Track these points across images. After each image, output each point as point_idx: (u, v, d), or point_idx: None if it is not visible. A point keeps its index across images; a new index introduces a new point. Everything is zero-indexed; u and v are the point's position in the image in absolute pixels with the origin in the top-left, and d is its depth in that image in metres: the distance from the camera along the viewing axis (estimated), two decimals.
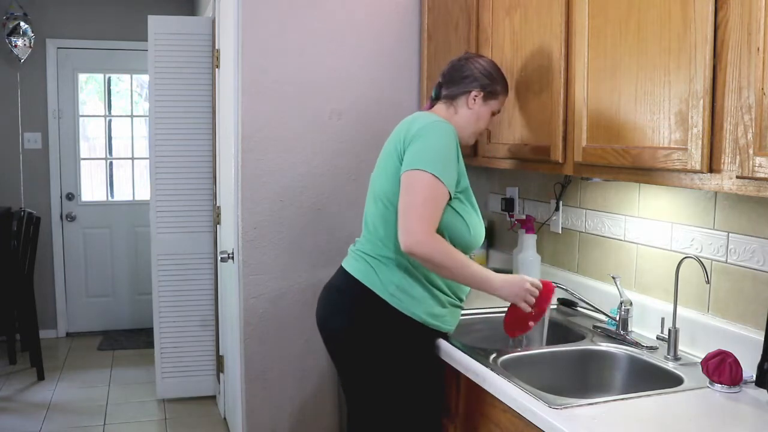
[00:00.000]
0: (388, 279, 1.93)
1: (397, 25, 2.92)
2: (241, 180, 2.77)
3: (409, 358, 1.94)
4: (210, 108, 3.93)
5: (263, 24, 2.74)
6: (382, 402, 1.95)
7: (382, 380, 1.94)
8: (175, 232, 4.00)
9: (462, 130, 2.05)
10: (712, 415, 1.52)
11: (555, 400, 1.55)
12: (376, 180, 2.04)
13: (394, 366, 1.93)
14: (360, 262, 1.99)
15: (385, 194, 1.96)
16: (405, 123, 2.02)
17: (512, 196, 2.84)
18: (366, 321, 1.94)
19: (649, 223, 2.13)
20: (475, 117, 2.07)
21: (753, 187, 1.37)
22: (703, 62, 1.46)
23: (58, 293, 5.48)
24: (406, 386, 1.94)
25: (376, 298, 1.92)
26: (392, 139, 2.02)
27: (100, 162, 5.67)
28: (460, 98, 2.06)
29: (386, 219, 1.95)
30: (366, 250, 2.00)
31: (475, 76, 2.05)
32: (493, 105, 2.09)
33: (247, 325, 2.82)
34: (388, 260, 1.94)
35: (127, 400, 4.17)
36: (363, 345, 1.95)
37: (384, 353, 1.93)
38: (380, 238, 1.97)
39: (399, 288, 1.92)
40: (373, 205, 2.02)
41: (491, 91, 2.06)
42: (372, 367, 1.95)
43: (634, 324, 2.09)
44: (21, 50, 5.08)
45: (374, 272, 1.94)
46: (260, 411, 2.87)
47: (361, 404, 2.04)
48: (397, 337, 1.93)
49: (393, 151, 1.96)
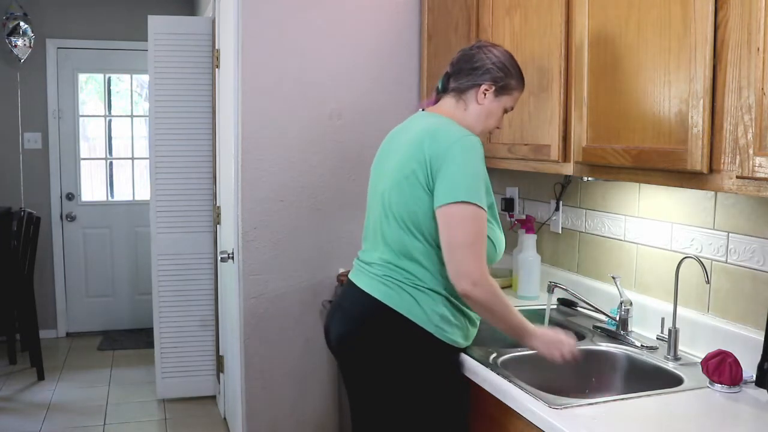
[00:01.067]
0: (431, 310, 1.78)
1: (397, 25, 2.92)
2: (241, 180, 2.77)
3: (441, 383, 1.85)
4: (210, 108, 3.93)
5: (263, 24, 2.74)
6: (406, 425, 1.85)
7: (411, 405, 1.83)
8: (175, 232, 4.00)
9: (471, 128, 1.86)
10: (712, 415, 1.52)
11: (555, 400, 1.55)
12: (396, 203, 1.83)
13: (425, 391, 1.83)
14: (394, 290, 1.81)
15: (412, 221, 1.80)
16: (421, 135, 1.82)
17: (512, 196, 2.84)
18: (401, 352, 1.81)
19: (649, 223, 2.12)
20: (486, 113, 1.90)
21: (753, 187, 1.37)
22: (703, 62, 1.46)
23: (58, 293, 5.48)
24: (435, 410, 1.84)
25: (417, 329, 1.78)
26: (408, 153, 1.82)
27: (100, 162, 5.67)
28: (470, 92, 1.89)
29: (427, 253, 1.80)
30: (398, 277, 1.82)
31: (487, 68, 1.87)
32: (506, 101, 1.91)
33: (247, 325, 2.82)
34: (430, 291, 1.79)
35: (127, 400, 4.17)
36: (393, 375, 1.82)
37: (416, 381, 1.81)
38: (424, 272, 1.80)
39: (443, 318, 1.79)
40: (398, 230, 1.83)
41: (504, 85, 1.88)
42: (402, 394, 1.83)
43: (634, 324, 2.09)
44: (21, 50, 5.08)
45: (416, 303, 1.78)
46: (260, 411, 2.87)
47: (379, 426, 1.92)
48: (433, 365, 1.83)
49: (417, 167, 1.78)
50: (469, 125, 1.87)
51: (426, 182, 1.76)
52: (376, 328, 1.82)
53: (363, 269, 1.91)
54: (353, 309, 1.89)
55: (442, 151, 1.74)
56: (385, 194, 1.87)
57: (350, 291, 1.93)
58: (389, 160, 1.91)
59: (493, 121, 1.93)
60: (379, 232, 1.89)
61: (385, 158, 1.96)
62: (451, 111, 1.91)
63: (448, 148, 1.74)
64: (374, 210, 1.93)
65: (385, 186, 1.88)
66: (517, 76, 1.92)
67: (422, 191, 1.77)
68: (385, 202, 1.86)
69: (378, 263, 1.86)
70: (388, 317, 1.80)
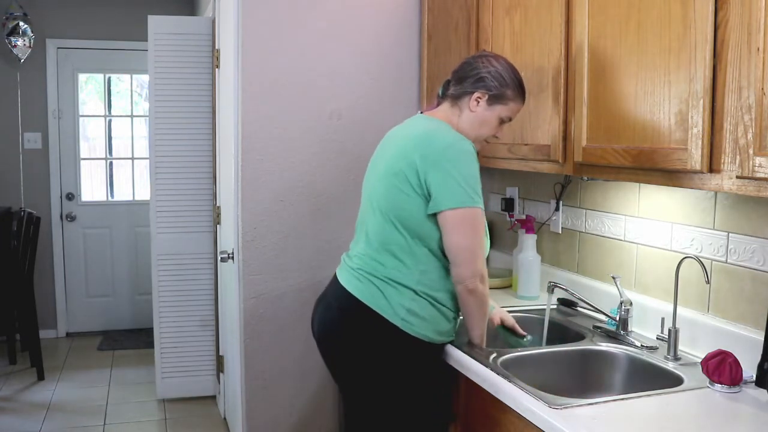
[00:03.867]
0: (398, 303, 1.85)
1: (397, 25, 2.92)
2: (241, 180, 2.77)
3: (416, 375, 1.91)
4: (210, 108, 3.93)
5: (263, 24, 2.74)
6: (389, 418, 1.92)
7: (387, 398, 1.90)
8: (175, 232, 4.00)
9: (464, 134, 1.92)
10: (712, 415, 1.52)
11: (555, 400, 1.55)
12: (383, 196, 1.91)
13: (400, 384, 1.89)
14: (364, 284, 1.90)
15: (397, 215, 1.87)
16: (414, 136, 1.90)
17: (512, 196, 2.85)
18: (372, 344, 1.88)
19: (649, 223, 2.13)
20: (479, 121, 1.94)
21: (753, 187, 1.37)
22: (703, 62, 1.46)
23: (58, 293, 5.48)
24: (413, 402, 1.91)
25: (385, 322, 1.85)
26: (399, 152, 1.90)
27: (100, 162, 5.67)
28: (464, 98, 1.95)
29: (407, 248, 1.87)
30: (371, 270, 1.90)
31: (481, 77, 1.92)
32: (501, 110, 1.94)
33: (247, 325, 2.82)
34: (398, 285, 1.87)
35: (127, 400, 4.17)
36: (368, 366, 1.90)
37: (390, 374, 1.89)
38: (398, 266, 1.87)
39: (410, 312, 1.85)
40: (382, 223, 1.90)
41: (498, 95, 1.92)
42: (378, 387, 1.91)
43: (634, 324, 2.09)
44: (20, 50, 5.08)
45: (383, 296, 1.86)
46: (260, 411, 2.87)
47: (365, 418, 1.99)
48: (403, 358, 1.88)
49: (405, 167, 1.85)
50: (463, 131, 1.94)
51: (416, 181, 1.84)
52: (350, 322, 1.92)
53: (345, 263, 2.03)
54: (332, 302, 2.00)
55: (436, 155, 1.82)
56: (374, 189, 1.96)
57: (332, 284, 2.04)
58: (382, 159, 2.00)
59: (487, 129, 1.97)
60: (364, 225, 1.99)
61: (379, 157, 2.04)
62: (446, 116, 1.98)
63: (442, 152, 1.83)
64: (364, 204, 2.03)
65: (375, 181, 1.97)
66: (514, 88, 1.94)
67: (410, 189, 1.85)
68: (373, 197, 1.96)
69: (357, 256, 1.98)
70: (360, 311, 1.89)
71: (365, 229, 1.98)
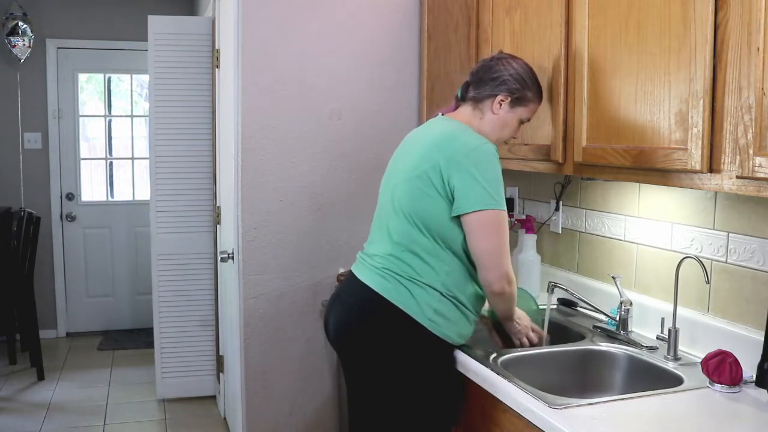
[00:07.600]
0: (425, 303, 1.84)
1: (397, 25, 2.92)
2: (241, 180, 2.77)
3: (432, 376, 1.90)
4: (210, 108, 3.93)
5: (263, 24, 2.74)
6: (397, 417, 1.91)
7: (400, 396, 1.89)
8: (175, 232, 4.00)
9: (486, 136, 1.91)
10: (712, 415, 1.52)
11: (555, 400, 1.55)
12: (406, 198, 1.90)
13: (415, 383, 1.88)
14: (392, 283, 1.87)
15: (420, 217, 1.86)
16: (438, 138, 1.89)
17: (512, 196, 2.84)
18: (394, 342, 1.87)
19: (649, 223, 2.13)
20: (501, 124, 1.95)
21: (753, 187, 1.37)
22: (703, 62, 1.46)
23: (58, 293, 5.48)
24: (423, 402, 1.89)
25: (411, 321, 1.84)
26: (423, 154, 1.89)
27: (100, 162, 5.67)
28: (486, 101, 1.94)
29: (432, 250, 1.86)
30: (397, 270, 1.88)
31: (504, 79, 1.92)
32: (522, 112, 1.96)
33: (247, 325, 2.82)
34: (426, 285, 1.85)
35: (127, 400, 4.17)
36: (387, 364, 1.89)
37: (407, 372, 1.87)
38: (424, 267, 1.86)
39: (437, 312, 1.85)
40: (405, 224, 1.89)
41: (520, 97, 1.93)
42: (393, 384, 1.89)
43: (634, 324, 2.09)
44: (20, 50, 5.08)
45: (411, 296, 1.85)
46: (260, 411, 2.87)
47: (373, 417, 1.98)
48: (424, 358, 1.88)
49: (429, 169, 1.84)
50: (485, 134, 1.94)
51: (440, 183, 1.83)
52: (372, 319, 1.89)
53: (364, 261, 1.99)
54: (351, 300, 1.96)
55: (460, 157, 1.82)
56: (395, 190, 1.94)
57: (350, 282, 2.00)
58: (404, 159, 1.98)
59: (508, 131, 1.99)
60: (385, 226, 1.96)
61: (400, 157, 2.03)
62: (468, 118, 1.98)
63: (466, 155, 1.82)
64: (384, 205, 2.01)
65: (397, 182, 1.95)
66: (534, 89, 1.97)
67: (434, 191, 1.84)
68: (395, 198, 1.94)
69: (380, 255, 1.94)
70: (383, 308, 1.86)
71: (387, 231, 1.95)
